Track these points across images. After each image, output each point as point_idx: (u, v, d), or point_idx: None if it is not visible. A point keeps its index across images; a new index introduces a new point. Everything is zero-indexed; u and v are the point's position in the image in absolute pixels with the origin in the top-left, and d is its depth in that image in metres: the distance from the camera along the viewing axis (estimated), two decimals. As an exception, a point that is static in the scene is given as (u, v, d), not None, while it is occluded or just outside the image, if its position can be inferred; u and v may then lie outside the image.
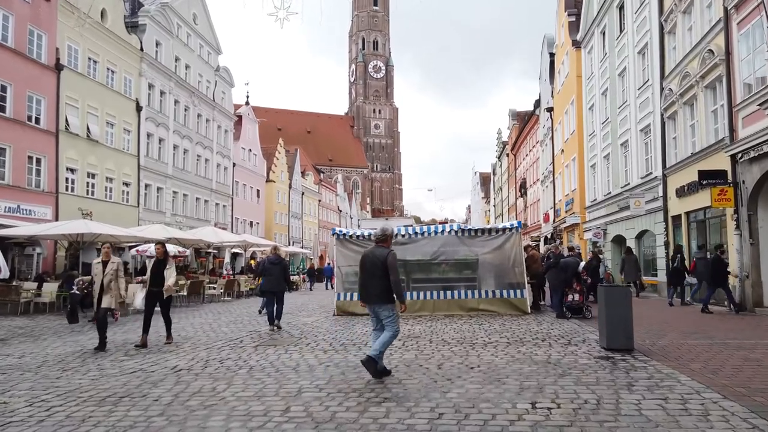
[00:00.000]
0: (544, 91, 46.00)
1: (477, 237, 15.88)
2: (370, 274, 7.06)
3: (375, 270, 6.99)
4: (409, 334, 11.16)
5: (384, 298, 6.94)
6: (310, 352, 9.24)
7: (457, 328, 12.15)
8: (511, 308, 15.19)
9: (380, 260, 6.96)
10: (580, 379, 6.62)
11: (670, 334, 10.52)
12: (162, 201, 38.19)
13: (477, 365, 7.71)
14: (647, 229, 22.65)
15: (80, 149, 29.57)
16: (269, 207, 60.01)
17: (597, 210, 29.36)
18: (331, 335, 11.40)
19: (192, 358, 8.87)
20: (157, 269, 10.50)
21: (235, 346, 10.08)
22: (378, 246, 7.28)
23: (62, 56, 28.39)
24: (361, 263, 7.32)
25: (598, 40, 29.19)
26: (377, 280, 6.95)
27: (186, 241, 26.76)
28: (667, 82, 20.08)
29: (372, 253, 7.21)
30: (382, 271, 6.92)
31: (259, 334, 11.91)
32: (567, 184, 36.71)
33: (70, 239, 21.61)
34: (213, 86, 46.87)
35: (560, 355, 8.39)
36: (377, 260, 7.00)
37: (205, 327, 13.61)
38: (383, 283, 6.91)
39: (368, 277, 7.08)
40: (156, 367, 8.12)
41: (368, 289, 7.07)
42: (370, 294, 7.05)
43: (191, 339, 11.31)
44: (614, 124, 26.36)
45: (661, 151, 20.60)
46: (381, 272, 6.92)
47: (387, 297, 6.93)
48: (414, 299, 15.67)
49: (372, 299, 7.04)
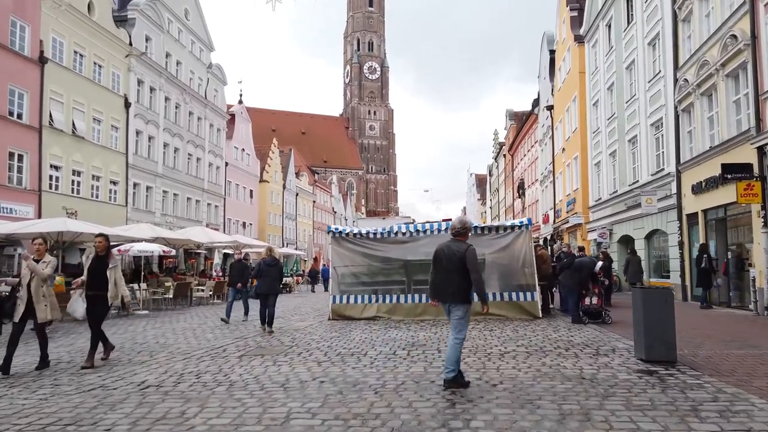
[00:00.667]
0: (543, 90, 45.05)
1: (483, 235, 14.68)
2: (445, 270, 6.46)
3: (451, 266, 6.39)
4: (413, 342, 9.96)
5: (460, 297, 6.37)
6: (301, 363, 8.05)
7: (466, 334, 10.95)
8: (520, 312, 14.00)
9: (458, 255, 6.37)
10: (631, 402, 5.44)
11: (707, 342, 9.36)
12: (151, 200, 37.04)
13: (499, 381, 6.52)
14: (658, 228, 21.54)
15: (65, 146, 28.39)
16: (263, 208, 58.82)
17: (602, 210, 28.26)
18: (325, 343, 10.19)
19: (165, 371, 7.66)
20: (96, 267, 8.40)
21: (217, 356, 8.87)
22: (454, 240, 6.65)
23: (46, 49, 27.26)
24: (435, 258, 6.66)
25: (603, 33, 28.13)
26: (454, 276, 6.37)
27: (174, 241, 25.59)
28: (681, 72, 18.99)
29: (448, 247, 6.57)
30: (460, 268, 6.33)
31: (245, 341, 10.70)
32: (568, 183, 35.66)
33: (48, 238, 20.32)
34: (205, 84, 45.71)
35: (593, 368, 7.22)
36: (454, 255, 6.40)
37: (188, 333, 12.40)
38: (460, 280, 6.34)
39: (443, 273, 6.48)
40: (120, 383, 6.91)
41: (443, 286, 6.48)
42: (445, 292, 6.47)
43: (169, 347, 10.10)
44: (621, 120, 25.27)
45: (674, 146, 19.49)
46: (458, 268, 6.34)
47: (463, 296, 6.38)
48: (415, 302, 14.48)
49: (446, 297, 6.45)
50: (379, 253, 15.07)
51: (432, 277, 6.73)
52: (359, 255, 15.15)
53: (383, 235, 15.10)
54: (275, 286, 12.68)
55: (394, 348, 9.32)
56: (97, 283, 8.29)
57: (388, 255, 15.08)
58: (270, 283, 12.52)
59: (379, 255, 15.08)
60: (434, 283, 6.67)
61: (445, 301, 6.49)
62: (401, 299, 14.61)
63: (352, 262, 15.24)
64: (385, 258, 15.10)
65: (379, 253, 15.07)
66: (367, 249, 15.08)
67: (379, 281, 15.13)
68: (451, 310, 6.44)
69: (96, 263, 8.44)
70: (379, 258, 15.11)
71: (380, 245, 15.09)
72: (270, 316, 12.45)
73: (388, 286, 14.94)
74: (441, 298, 6.56)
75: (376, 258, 15.11)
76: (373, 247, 15.08)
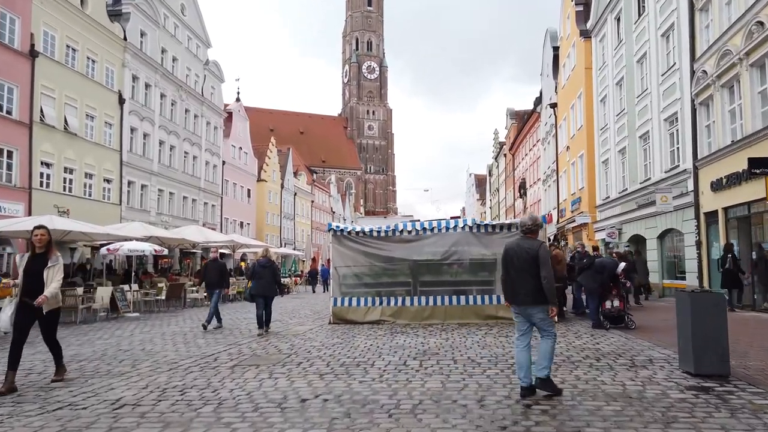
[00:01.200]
0: (546, 87, 44.25)
1: (495, 234, 13.75)
2: (518, 269, 6.07)
3: (525, 265, 6.01)
4: (425, 351, 9.02)
5: (537, 298, 5.94)
6: (301, 376, 7.12)
7: (479, 341, 10.04)
8: (535, 316, 13.09)
9: (531, 254, 6.00)
10: (700, 430, 4.54)
11: (751, 351, 8.43)
12: (146, 199, 36.15)
13: (533, 401, 5.59)
14: (673, 227, 20.64)
15: (56, 142, 27.49)
16: (260, 207, 57.89)
17: (610, 208, 27.37)
18: (327, 351, 9.26)
19: (146, 385, 6.73)
20: (33, 268, 6.78)
21: (207, 367, 7.95)
22: (525, 237, 6.28)
23: (37, 42, 26.36)
24: (504, 257, 6.30)
25: (611, 27, 27.25)
26: (528, 277, 5.97)
27: (168, 240, 24.69)
28: (698, 64, 18.10)
29: (518, 245, 6.20)
30: (534, 267, 5.95)
31: (239, 348, 9.77)
32: (573, 182, 34.81)
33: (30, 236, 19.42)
34: (202, 81, 44.81)
35: (636, 383, 6.30)
36: (526, 254, 6.03)
37: (177, 338, 11.47)
38: (536, 280, 5.92)
39: (516, 273, 6.09)
40: (92, 400, 5.99)
41: (516, 287, 6.09)
42: (519, 294, 6.06)
43: (155, 355, 9.17)
44: (631, 116, 24.38)
45: (691, 141, 18.60)
46: (532, 268, 5.96)
47: (541, 297, 5.93)
48: (422, 305, 13.56)
49: (521, 299, 6.05)
50: (383, 252, 14.12)
51: (503, 277, 6.38)
52: (362, 254, 14.19)
53: (387, 233, 14.16)
54: (270, 288, 12.19)
55: (403, 357, 8.40)
56: (37, 287, 6.69)
57: (393, 254, 14.13)
58: (264, 285, 12.06)
59: (383, 254, 14.13)
60: (506, 283, 6.31)
61: (520, 304, 6.07)
62: (407, 302, 13.68)
63: (354, 261, 14.30)
64: (390, 258, 14.15)
65: (383, 252, 14.12)
66: (371, 248, 14.12)
67: (383, 282, 14.19)
68: (531, 313, 6.01)
69: (34, 263, 6.81)
70: (383, 258, 14.16)
71: (384, 244, 14.14)
72: (267, 318, 12.17)
73: (392, 288, 14.01)
74: (514, 300, 6.15)
75: (380, 258, 14.16)
76: (377, 246, 14.13)
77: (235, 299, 26.31)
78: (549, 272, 5.90)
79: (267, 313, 12.15)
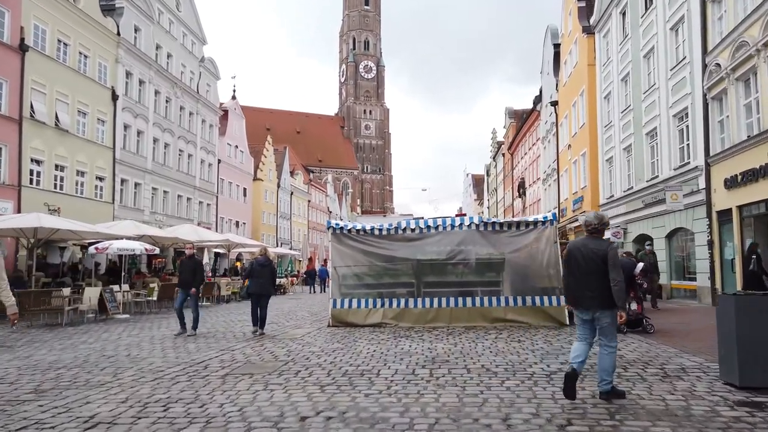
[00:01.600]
0: (546, 85, 43.66)
1: (503, 232, 13.08)
2: (585, 272, 5.73)
3: (592, 267, 5.67)
4: (433, 358, 8.31)
5: (606, 302, 5.61)
6: (299, 387, 6.42)
7: (490, 346, 9.34)
8: (545, 319, 12.41)
9: (599, 255, 5.67)
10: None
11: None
12: (140, 198, 35.33)
13: (566, 420, 4.90)
14: (682, 226, 19.98)
15: (47, 139, 26.70)
16: (256, 206, 57.10)
17: (615, 207, 26.73)
18: (327, 357, 8.55)
19: (126, 398, 6.02)
20: None
21: (196, 376, 7.24)
22: (591, 237, 5.94)
23: (27, 36, 25.56)
24: (569, 258, 5.98)
25: (616, 21, 26.61)
26: (596, 279, 5.62)
27: (161, 239, 24.01)
28: (711, 57, 17.45)
29: (584, 246, 5.86)
30: (602, 269, 5.62)
31: (231, 354, 9.06)
32: (575, 181, 34.17)
33: (19, 235, 18.73)
34: (197, 78, 44.02)
35: (677, 397, 5.61)
36: (594, 255, 5.70)
37: (167, 342, 10.76)
38: (605, 283, 5.56)
39: (582, 275, 5.75)
40: (63, 417, 5.27)
41: (583, 290, 5.73)
42: (585, 297, 5.71)
43: (141, 362, 8.46)
44: (637, 112, 23.73)
45: (703, 137, 17.95)
46: (600, 270, 5.63)
47: (609, 301, 5.59)
48: (426, 307, 12.87)
49: (588, 303, 5.71)
50: (385, 251, 13.41)
51: (566, 280, 6.08)
52: (362, 254, 13.49)
53: (390, 231, 13.47)
54: (267, 287, 12.23)
55: (411, 365, 7.70)
56: None
57: (395, 254, 13.43)
58: (262, 284, 12.07)
59: (384, 254, 13.42)
60: (570, 287, 5.97)
61: (587, 308, 5.73)
62: (410, 304, 12.98)
63: (354, 261, 13.60)
64: (392, 257, 13.45)
65: (385, 251, 13.41)
66: (372, 247, 13.42)
67: (385, 283, 13.49)
68: (598, 317, 5.67)
69: None
70: (384, 257, 13.45)
71: (386, 243, 13.44)
72: (262, 319, 12.11)
73: (394, 289, 13.30)
74: (580, 304, 5.80)
75: (382, 257, 13.46)
76: (379, 244, 13.42)
77: (230, 299, 25.67)
78: (620, 274, 5.54)
79: (263, 313, 12.11)
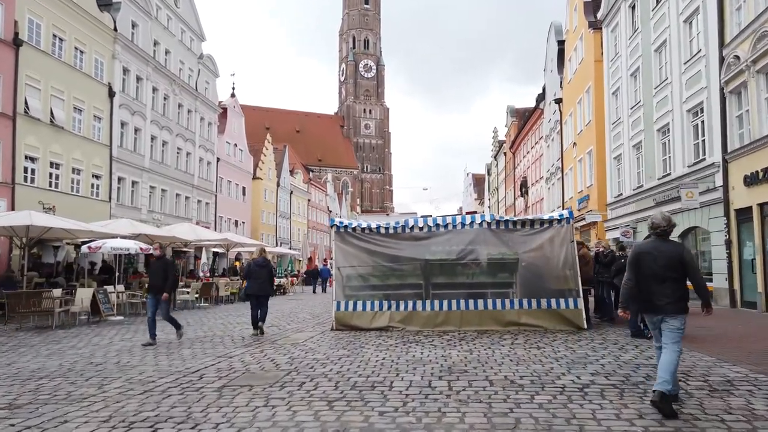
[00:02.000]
0: (550, 83, 43.05)
1: (516, 230, 12.39)
2: (656, 275, 5.49)
3: (665, 270, 5.44)
4: (449, 367, 7.60)
5: (680, 306, 5.43)
6: (305, 403, 5.74)
7: (509, 353, 8.65)
8: (562, 322, 11.72)
9: (673, 258, 5.45)
10: None
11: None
12: (137, 196, 34.69)
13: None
14: (697, 225, 19.31)
15: (42, 136, 26.07)
16: (256, 206, 56.42)
17: (623, 206, 26.05)
18: (333, 366, 7.86)
19: (108, 417, 5.33)
20: None
21: (189, 388, 6.55)
22: (660, 239, 5.68)
23: (21, 31, 24.94)
24: (636, 262, 5.67)
25: (625, 15, 25.94)
26: (669, 283, 5.41)
27: (158, 238, 23.30)
28: (729, 49, 16.78)
29: (655, 248, 5.60)
30: (678, 272, 5.44)
31: (229, 362, 8.37)
32: (580, 179, 33.54)
33: (11, 234, 18.04)
34: (196, 75, 43.35)
35: (737, 418, 4.90)
36: (667, 258, 5.46)
37: (161, 347, 10.07)
38: (679, 287, 5.42)
39: (655, 280, 5.50)
40: (34, 440, 4.62)
41: (657, 295, 5.47)
42: (660, 302, 5.46)
43: (130, 370, 7.77)
44: (648, 108, 23.05)
45: (720, 133, 17.28)
46: (676, 273, 5.43)
47: (682, 305, 5.44)
48: (435, 310, 12.17)
49: (662, 309, 5.46)
50: (391, 251, 12.70)
51: (630, 284, 5.73)
52: (368, 253, 12.79)
53: (396, 229, 12.77)
54: (266, 288, 12.22)
55: (426, 376, 7.00)
56: None
57: (402, 253, 12.72)
58: (260, 285, 12.06)
59: (391, 253, 12.71)
60: (634, 291, 5.70)
61: (657, 312, 5.50)
62: (418, 306, 12.28)
63: (359, 261, 12.90)
64: (399, 257, 12.73)
65: (391, 251, 12.70)
66: (378, 246, 12.71)
67: (392, 284, 12.79)
68: (670, 322, 5.44)
69: None
70: (391, 257, 12.74)
71: (393, 242, 12.74)
72: (263, 315, 12.16)
73: (402, 291, 12.60)
74: (654, 310, 5.54)
75: (388, 257, 12.74)
76: (385, 244, 12.72)
77: (229, 300, 25.03)
78: (700, 275, 5.33)
79: (262, 312, 12.15)
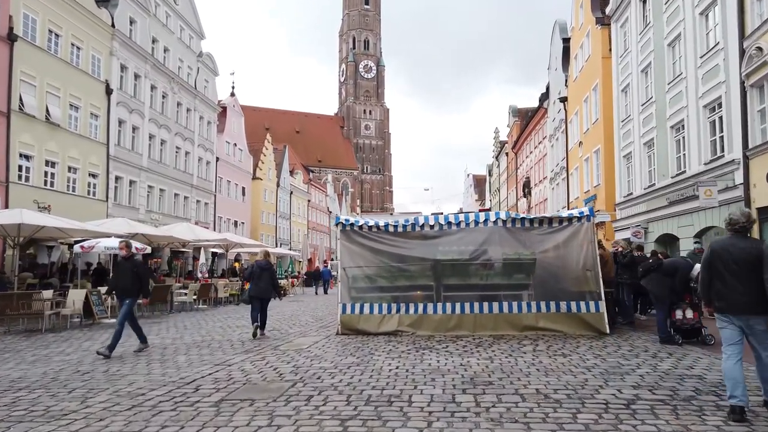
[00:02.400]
0: (554, 82, 42.45)
1: (533, 229, 11.68)
2: (736, 274, 5.24)
3: (746, 269, 5.18)
4: (471, 378, 6.87)
5: (762, 306, 5.14)
6: (313, 421, 5.03)
7: (534, 361, 7.93)
8: (582, 327, 11.00)
9: (754, 254, 5.19)
10: None
11: None
12: (135, 195, 34.00)
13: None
14: (713, 225, 18.61)
15: (37, 134, 25.40)
16: (255, 206, 55.71)
17: (634, 206, 25.35)
18: (343, 377, 7.14)
19: (90, 438, 4.65)
20: None
21: (183, 402, 5.83)
22: (738, 236, 5.42)
23: (16, 26, 24.29)
24: (714, 260, 5.41)
25: (636, 10, 25.25)
26: (750, 282, 5.16)
27: (155, 238, 22.62)
28: (750, 41, 16.09)
29: (734, 245, 5.36)
30: (758, 270, 5.13)
31: (228, 371, 7.65)
32: (587, 179, 32.85)
33: (2, 233, 17.35)
34: (195, 73, 42.67)
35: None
36: (747, 255, 5.20)
37: (153, 354, 9.35)
38: (761, 285, 5.08)
39: (734, 278, 5.24)
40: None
41: (736, 294, 5.22)
42: (738, 301, 5.21)
43: (119, 380, 7.05)
44: (661, 104, 22.36)
45: (740, 129, 16.59)
46: (757, 271, 5.14)
47: (765, 304, 5.12)
48: (447, 313, 11.46)
49: (741, 308, 5.21)
50: (400, 250, 11.99)
51: (707, 282, 5.50)
52: (375, 253, 12.07)
53: (405, 228, 12.06)
54: (268, 291, 12.15)
55: (447, 389, 6.27)
56: None
57: (412, 253, 12.02)
58: (263, 288, 11.99)
59: (400, 253, 12.00)
60: (712, 290, 5.44)
61: (738, 313, 5.21)
62: (428, 309, 11.57)
63: (366, 261, 12.19)
64: (408, 257, 12.02)
65: (400, 250, 11.99)
66: (386, 245, 12.00)
67: (401, 286, 12.08)
68: (752, 325, 5.18)
69: None
70: (400, 257, 12.03)
71: (402, 241, 12.02)
72: (263, 319, 12.12)
73: (411, 292, 11.91)
74: (733, 310, 5.25)
75: (397, 257, 12.03)
76: (393, 243, 12.00)
77: (227, 302, 24.32)
78: None
79: (263, 316, 12.10)
